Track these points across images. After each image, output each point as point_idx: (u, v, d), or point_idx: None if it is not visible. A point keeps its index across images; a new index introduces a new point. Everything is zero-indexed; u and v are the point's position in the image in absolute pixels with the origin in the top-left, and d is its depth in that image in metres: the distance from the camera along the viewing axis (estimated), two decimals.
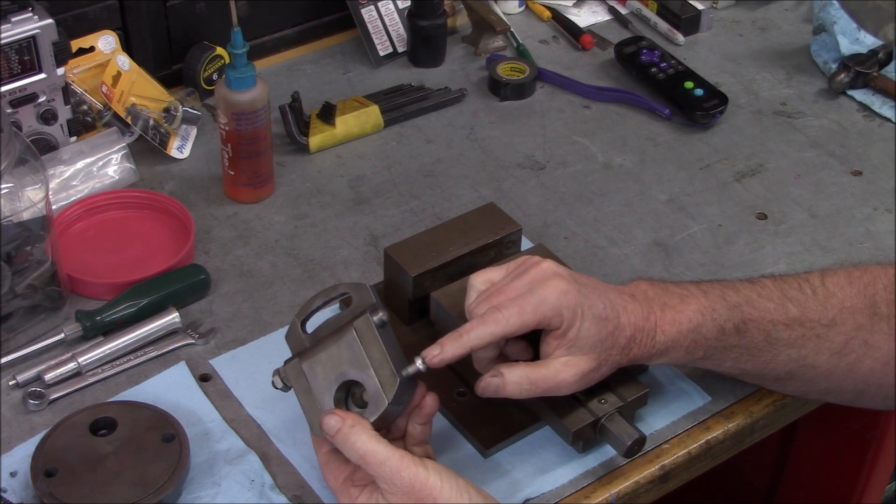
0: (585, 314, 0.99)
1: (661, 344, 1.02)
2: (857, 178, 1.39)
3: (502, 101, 1.49)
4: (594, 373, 1.00)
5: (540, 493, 1.03)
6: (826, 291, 1.04)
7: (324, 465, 0.99)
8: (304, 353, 0.99)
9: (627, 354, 1.01)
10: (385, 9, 1.54)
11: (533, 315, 0.98)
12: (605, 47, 1.59)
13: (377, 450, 0.93)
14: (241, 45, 1.22)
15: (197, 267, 1.21)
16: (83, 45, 1.34)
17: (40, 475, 0.99)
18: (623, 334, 1.00)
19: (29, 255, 1.13)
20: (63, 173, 1.29)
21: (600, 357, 1.00)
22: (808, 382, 1.06)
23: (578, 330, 0.99)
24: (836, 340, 1.03)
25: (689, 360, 1.04)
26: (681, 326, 1.02)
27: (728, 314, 1.02)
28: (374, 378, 0.97)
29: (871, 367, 1.03)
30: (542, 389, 1.00)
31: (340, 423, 0.95)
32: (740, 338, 1.03)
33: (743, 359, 1.04)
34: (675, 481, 1.09)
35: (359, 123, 1.42)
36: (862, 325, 1.03)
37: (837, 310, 1.03)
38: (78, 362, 1.11)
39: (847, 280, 1.04)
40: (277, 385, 1.01)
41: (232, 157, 1.29)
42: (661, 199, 1.35)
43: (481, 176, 1.38)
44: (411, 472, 0.93)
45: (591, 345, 0.99)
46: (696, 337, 1.02)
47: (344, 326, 0.99)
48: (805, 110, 1.49)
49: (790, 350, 1.03)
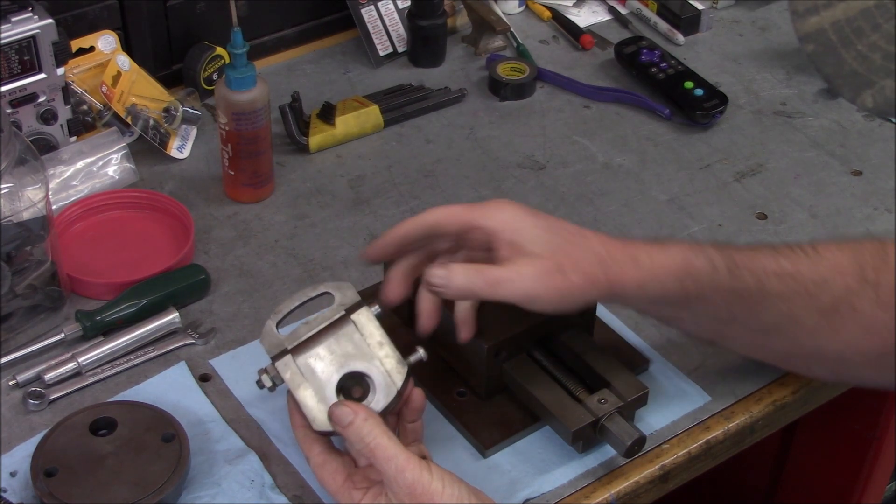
0: (530, 221, 0.98)
1: (647, 266, 0.99)
2: (857, 178, 1.39)
3: (502, 101, 1.49)
4: (558, 274, 0.96)
5: (540, 492, 1.03)
6: (817, 254, 1.04)
7: (319, 466, 0.98)
8: (295, 350, 0.99)
9: (605, 270, 0.98)
10: (385, 9, 1.54)
11: (462, 209, 0.99)
12: (605, 47, 1.59)
13: (387, 445, 0.93)
14: (241, 45, 1.22)
15: (197, 267, 1.21)
16: (83, 45, 1.35)
17: (40, 475, 0.99)
18: (590, 244, 0.98)
19: (29, 255, 1.13)
20: (63, 173, 1.29)
21: (562, 259, 0.96)
22: (793, 340, 1.05)
23: (524, 232, 0.97)
24: (825, 300, 1.02)
25: (681, 296, 1.00)
26: (668, 252, 1.00)
27: (718, 254, 1.01)
28: (381, 367, 0.97)
29: (854, 331, 1.03)
30: (491, 279, 0.96)
31: (353, 416, 0.94)
32: (732, 279, 1.01)
33: (734, 302, 1.02)
34: (675, 481, 1.09)
35: (359, 123, 1.42)
36: (850, 287, 1.02)
37: (828, 269, 1.03)
38: (78, 362, 1.11)
39: (837, 246, 1.05)
40: (266, 384, 0.99)
41: (232, 157, 1.29)
42: (661, 199, 1.36)
43: (481, 176, 1.38)
44: (415, 474, 0.92)
45: (544, 244, 0.97)
46: (686, 266, 1.00)
47: (339, 320, 0.99)
48: (805, 110, 1.49)
49: (780, 303, 1.02)
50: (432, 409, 1.09)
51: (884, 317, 1.02)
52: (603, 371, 1.06)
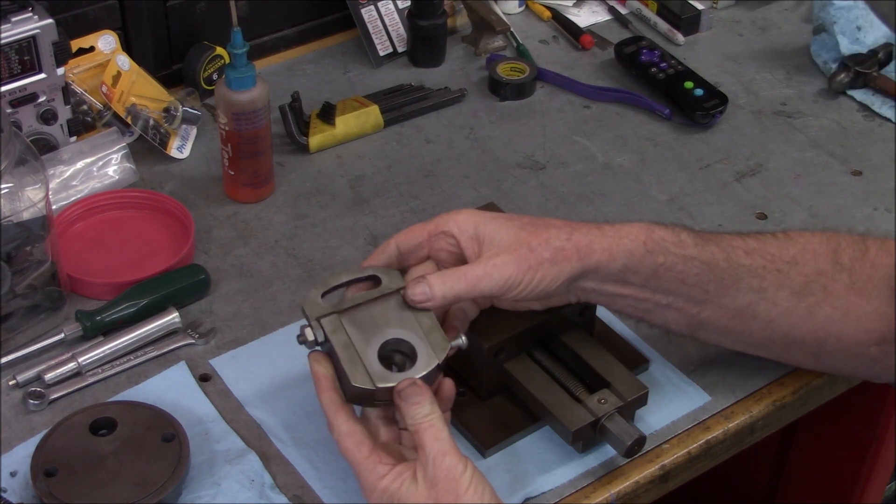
0: (489, 219, 1.01)
1: (611, 233, 1.01)
2: (857, 178, 1.39)
3: (502, 101, 1.49)
4: (528, 252, 0.99)
5: (540, 492, 1.03)
6: (786, 236, 1.06)
7: (344, 436, 0.97)
8: (342, 312, 1.00)
9: (570, 238, 1.00)
10: (385, 9, 1.54)
11: (420, 225, 1.03)
12: (605, 47, 1.59)
13: (441, 427, 0.94)
14: (241, 45, 1.22)
15: (197, 267, 1.21)
16: (83, 45, 1.35)
17: (40, 475, 0.99)
18: (552, 222, 1.01)
19: (29, 255, 1.13)
20: (63, 173, 1.29)
21: (529, 239, 1.00)
22: (769, 322, 1.05)
23: (485, 228, 1.00)
24: (797, 279, 1.03)
25: (651, 267, 1.02)
26: (630, 224, 1.02)
27: (681, 227, 1.04)
28: (424, 339, 0.99)
29: (829, 314, 1.03)
30: (471, 278, 0.99)
31: (420, 397, 0.95)
32: (700, 250, 1.02)
33: (706, 276, 1.02)
34: (675, 481, 1.09)
35: (359, 123, 1.42)
36: (823, 269, 1.03)
37: (798, 250, 1.04)
38: (78, 362, 1.11)
39: (810, 233, 1.06)
40: (310, 337, 0.99)
41: (232, 157, 1.29)
42: (661, 199, 1.36)
43: (481, 176, 1.38)
44: (453, 462, 0.93)
45: (507, 232, 1.00)
46: (651, 234, 1.02)
47: (390, 294, 1.01)
48: (805, 110, 1.49)
49: (752, 279, 1.03)
50: None
51: (859, 302, 1.02)
52: (603, 371, 1.06)
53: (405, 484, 0.94)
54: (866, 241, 1.05)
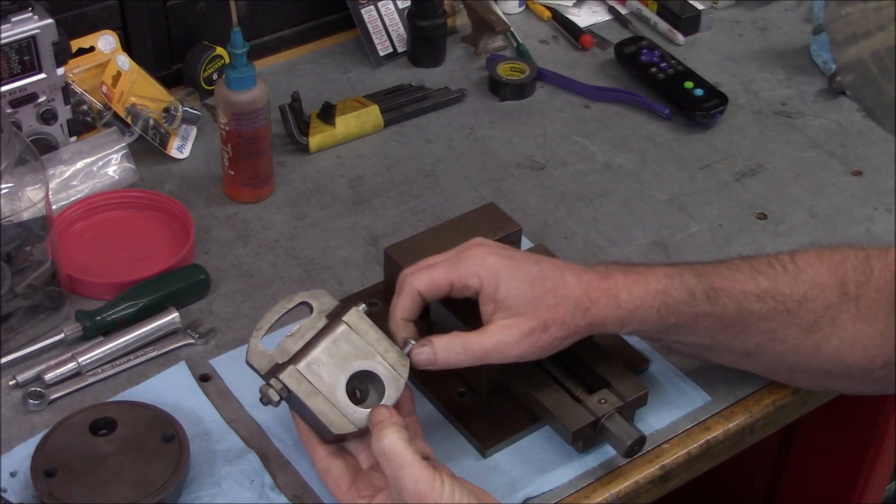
0: (512, 274, 0.99)
1: (627, 304, 1.01)
2: (857, 178, 1.39)
3: (502, 101, 1.49)
4: (541, 333, 0.99)
5: (540, 492, 1.03)
6: (796, 268, 1.04)
7: (324, 471, 0.98)
8: (295, 360, 0.98)
9: (585, 315, 1.00)
10: (385, 9, 1.54)
11: (445, 274, 1.00)
12: (605, 47, 1.59)
13: (404, 452, 0.92)
14: (241, 45, 1.22)
15: (197, 267, 1.21)
16: (83, 45, 1.35)
17: (40, 475, 0.99)
18: (570, 292, 0.99)
19: (29, 255, 1.13)
20: (63, 173, 1.29)
21: (543, 315, 0.99)
22: (776, 359, 1.05)
23: (506, 289, 0.99)
24: (806, 317, 1.03)
25: (662, 327, 1.02)
26: (647, 286, 1.01)
27: (696, 280, 1.02)
28: (383, 363, 0.98)
29: (836, 346, 1.03)
30: (478, 353, 0.99)
31: (387, 416, 0.94)
32: (712, 305, 1.02)
33: (716, 328, 1.03)
34: (675, 481, 1.09)
35: (359, 123, 1.42)
36: (831, 303, 1.03)
37: (808, 286, 1.03)
38: (78, 362, 1.11)
39: (818, 258, 1.05)
40: (274, 398, 0.97)
41: (232, 157, 1.29)
42: (661, 199, 1.36)
43: (481, 176, 1.38)
44: (425, 486, 0.91)
45: (526, 301, 0.99)
46: (665, 299, 1.01)
47: (331, 325, 0.99)
48: (805, 110, 1.49)
49: (761, 323, 1.03)
50: (432, 409, 1.10)
51: (865, 329, 1.02)
52: (603, 371, 1.06)
53: None
54: (870, 259, 1.04)
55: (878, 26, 0.75)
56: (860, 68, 0.76)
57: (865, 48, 0.75)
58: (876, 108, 0.76)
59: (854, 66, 0.76)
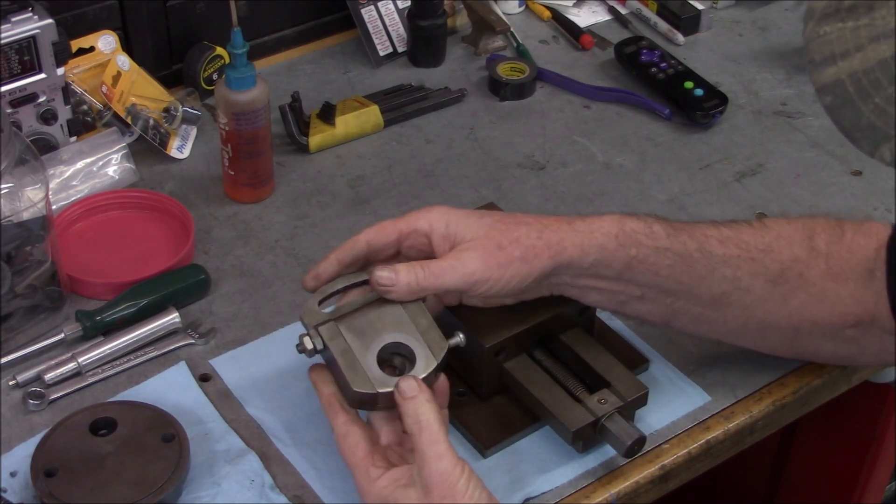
0: (460, 214, 1.02)
1: (582, 227, 1.01)
2: (857, 178, 1.39)
3: (502, 101, 1.49)
4: (498, 251, 0.99)
5: (540, 492, 1.03)
6: (761, 224, 1.05)
7: (342, 437, 0.97)
8: (339, 319, 1.00)
9: (541, 236, 1.00)
10: (385, 9, 1.54)
11: (392, 222, 1.03)
12: (605, 47, 1.59)
13: (438, 429, 0.93)
14: (241, 45, 1.22)
15: (197, 267, 1.21)
16: (83, 45, 1.35)
17: (40, 475, 0.99)
18: (522, 219, 1.01)
19: (29, 255, 1.13)
20: (63, 173, 1.29)
21: (497, 237, 1.00)
22: (744, 310, 1.05)
23: (456, 224, 1.01)
24: (772, 267, 1.03)
25: (624, 259, 1.02)
26: (601, 217, 1.03)
27: (654, 219, 1.04)
28: (421, 341, 1.00)
29: (804, 300, 1.03)
30: (436, 271, 0.99)
31: (417, 392, 0.95)
32: (672, 241, 1.02)
33: (679, 268, 1.03)
34: (675, 481, 1.09)
35: (359, 123, 1.42)
36: (798, 256, 1.03)
37: (773, 237, 1.04)
38: (78, 362, 1.11)
39: (785, 220, 1.06)
40: (309, 346, 1.00)
41: (232, 157, 1.29)
42: (661, 199, 1.36)
43: (481, 176, 1.38)
44: (449, 466, 0.92)
45: (478, 228, 1.00)
46: (622, 227, 1.02)
47: (384, 298, 1.01)
48: (805, 110, 1.49)
49: (725, 269, 1.03)
50: None
51: (835, 287, 1.02)
52: (603, 371, 1.06)
53: (399, 489, 0.94)
54: (843, 225, 1.04)
55: (856, 46, 0.75)
56: (838, 89, 0.76)
57: (843, 69, 0.75)
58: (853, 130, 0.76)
59: (832, 87, 0.76)
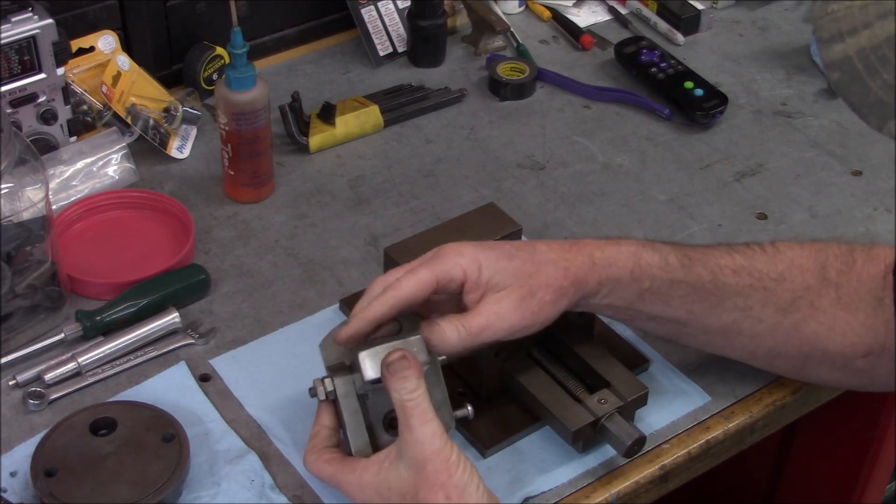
0: (489, 255, 0.99)
1: (601, 261, 1.01)
2: (857, 178, 1.39)
3: (502, 101, 1.49)
4: (531, 298, 0.99)
5: (540, 492, 1.03)
6: (775, 250, 1.05)
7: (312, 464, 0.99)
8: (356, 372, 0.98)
9: (567, 275, 1.00)
10: (385, 9, 1.54)
11: (429, 273, 0.98)
12: (605, 47, 1.59)
13: (427, 409, 0.93)
14: (241, 45, 1.22)
15: (197, 267, 1.21)
16: (83, 45, 1.35)
17: (40, 475, 0.99)
18: (545, 256, 1.00)
19: (29, 255, 1.13)
20: (63, 173, 1.29)
21: (528, 283, 0.99)
22: (754, 339, 1.05)
23: (488, 270, 0.99)
24: (783, 296, 1.03)
25: (637, 292, 1.02)
26: (619, 247, 1.02)
27: (670, 248, 1.03)
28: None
29: (815, 329, 1.03)
30: (475, 329, 0.98)
31: (409, 370, 0.93)
32: (686, 273, 1.02)
33: (691, 298, 1.03)
34: (675, 481, 1.09)
35: (359, 123, 1.42)
36: (810, 285, 1.03)
37: (786, 265, 1.04)
38: (78, 362, 1.11)
39: (798, 245, 1.06)
40: (320, 396, 0.98)
41: (232, 157, 1.29)
42: (661, 199, 1.36)
43: (481, 176, 1.38)
44: (440, 444, 0.92)
45: (509, 274, 0.99)
46: (638, 261, 1.02)
47: None
48: (805, 110, 1.49)
49: (737, 298, 1.03)
50: None
51: (846, 317, 1.02)
52: (603, 371, 1.06)
53: (385, 471, 0.94)
54: (854, 252, 1.04)
55: (863, 23, 0.75)
56: (846, 66, 0.76)
57: (851, 46, 0.76)
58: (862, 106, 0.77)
59: (840, 64, 0.76)
